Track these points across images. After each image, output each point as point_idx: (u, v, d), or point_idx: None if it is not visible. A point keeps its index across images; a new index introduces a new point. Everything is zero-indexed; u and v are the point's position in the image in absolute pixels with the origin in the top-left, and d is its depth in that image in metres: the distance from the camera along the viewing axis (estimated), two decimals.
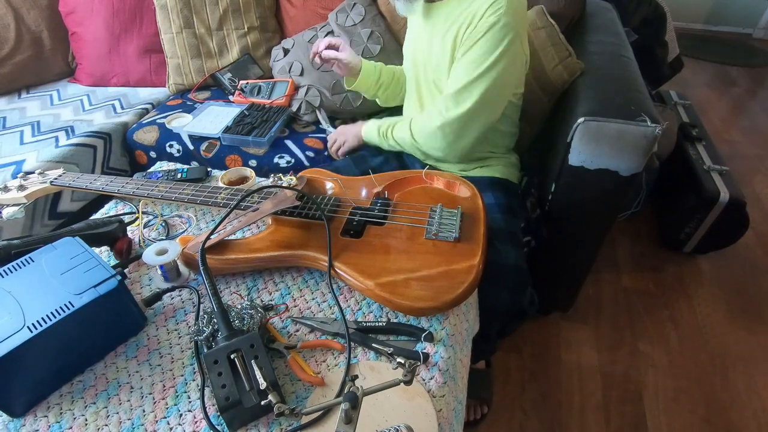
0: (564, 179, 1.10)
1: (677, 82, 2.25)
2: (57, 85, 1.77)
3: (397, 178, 0.87)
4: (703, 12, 3.67)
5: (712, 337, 1.44)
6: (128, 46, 1.69)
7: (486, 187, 1.04)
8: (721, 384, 1.31)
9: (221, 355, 0.56)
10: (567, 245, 1.23)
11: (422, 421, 0.56)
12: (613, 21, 1.51)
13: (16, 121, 1.54)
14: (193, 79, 1.67)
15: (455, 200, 0.82)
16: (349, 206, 0.81)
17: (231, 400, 0.53)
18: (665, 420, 1.23)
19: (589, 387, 1.30)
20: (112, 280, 0.61)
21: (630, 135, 0.99)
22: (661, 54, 1.92)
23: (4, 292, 0.60)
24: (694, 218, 1.60)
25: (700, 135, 1.83)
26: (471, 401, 1.18)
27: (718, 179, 1.59)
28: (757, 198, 2.00)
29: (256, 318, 0.64)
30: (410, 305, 0.65)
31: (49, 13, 1.72)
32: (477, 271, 0.68)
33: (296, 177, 0.89)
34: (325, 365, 0.62)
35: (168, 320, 0.69)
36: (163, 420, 0.56)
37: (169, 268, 0.73)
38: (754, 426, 1.22)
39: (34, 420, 0.57)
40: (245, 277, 0.75)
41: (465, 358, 0.72)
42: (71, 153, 1.36)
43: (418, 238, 0.74)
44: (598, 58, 1.20)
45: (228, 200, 0.83)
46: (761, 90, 2.96)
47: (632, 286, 1.62)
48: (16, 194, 0.88)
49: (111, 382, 0.61)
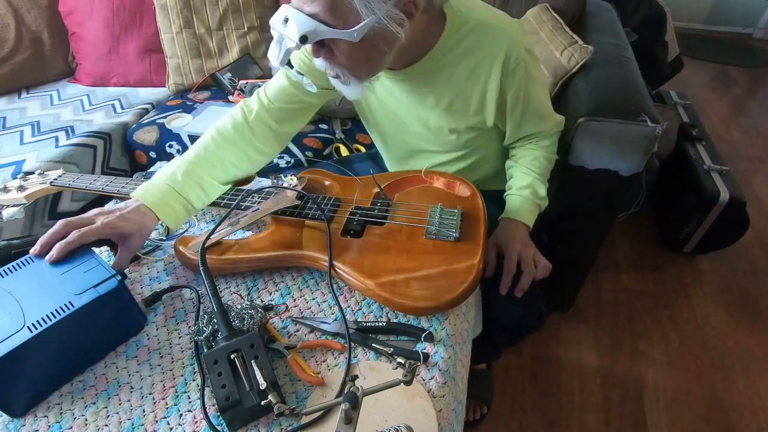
0: (564, 179, 1.10)
1: (677, 82, 2.25)
2: (57, 85, 1.77)
3: (397, 178, 0.87)
4: (703, 12, 3.68)
5: (712, 337, 1.44)
6: (128, 46, 1.69)
7: (487, 201, 1.00)
8: (721, 384, 1.31)
9: (221, 355, 0.56)
10: (567, 245, 1.23)
11: (422, 421, 0.56)
12: (613, 21, 1.52)
13: (16, 121, 1.54)
14: (193, 79, 1.67)
15: (455, 200, 0.82)
16: (349, 206, 0.81)
17: (231, 400, 0.53)
18: (665, 420, 1.23)
19: (589, 387, 1.30)
20: (112, 280, 0.61)
21: (630, 135, 0.99)
22: (661, 54, 1.92)
23: (4, 292, 0.60)
24: (694, 218, 1.60)
25: (700, 135, 1.83)
26: (471, 401, 1.18)
27: (718, 179, 1.59)
28: (757, 198, 2.00)
29: (256, 318, 0.64)
30: (410, 305, 0.65)
31: (49, 13, 1.72)
32: (477, 270, 0.68)
33: (296, 177, 0.89)
34: (325, 365, 0.62)
35: (168, 320, 0.69)
36: (163, 420, 0.56)
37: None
38: (754, 426, 1.22)
39: (34, 420, 0.57)
40: (245, 277, 0.75)
41: (465, 359, 0.72)
42: (71, 153, 1.36)
43: (418, 237, 0.74)
44: (598, 58, 1.20)
45: (228, 200, 0.83)
46: (761, 90, 2.96)
47: (632, 286, 1.62)
48: (16, 195, 0.88)
49: (111, 382, 0.61)
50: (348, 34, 0.63)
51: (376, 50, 0.68)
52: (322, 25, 0.62)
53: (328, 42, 0.67)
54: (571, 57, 1.18)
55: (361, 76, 0.72)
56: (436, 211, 0.78)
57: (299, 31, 0.62)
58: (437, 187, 0.86)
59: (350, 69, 0.70)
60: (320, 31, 0.62)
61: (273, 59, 0.68)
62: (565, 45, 1.21)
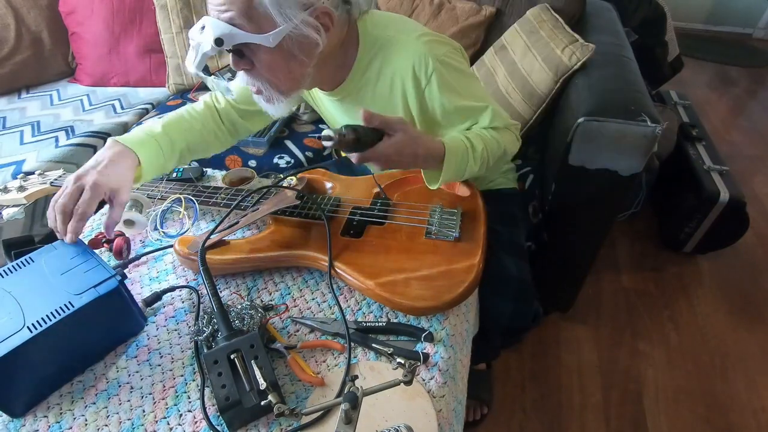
0: (564, 179, 1.10)
1: (677, 82, 2.25)
2: (57, 85, 1.77)
3: (397, 178, 0.87)
4: (703, 12, 3.67)
5: (712, 337, 1.44)
6: (128, 46, 1.69)
7: (487, 201, 1.00)
8: (721, 384, 1.31)
9: (221, 355, 0.56)
10: (567, 245, 1.23)
11: (422, 422, 0.56)
12: (613, 21, 1.51)
13: (16, 121, 1.54)
14: (193, 79, 1.67)
15: (455, 200, 0.82)
16: (349, 206, 0.81)
17: (231, 401, 0.53)
18: (665, 420, 1.23)
19: (589, 387, 1.30)
20: (112, 280, 0.61)
21: (630, 135, 0.99)
22: (661, 54, 1.92)
23: (4, 292, 0.60)
24: (694, 218, 1.60)
25: (700, 135, 1.83)
26: (471, 402, 1.18)
27: (718, 179, 1.59)
28: (757, 198, 2.00)
29: (256, 318, 0.64)
30: (410, 305, 0.65)
31: (49, 13, 1.72)
32: (477, 270, 0.68)
33: (296, 177, 0.89)
34: (325, 365, 0.62)
35: (168, 320, 0.69)
36: (163, 420, 0.56)
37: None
38: (754, 426, 1.22)
39: (34, 420, 0.57)
40: (245, 277, 0.75)
41: (465, 359, 0.72)
42: (71, 153, 1.36)
43: (418, 237, 0.74)
44: (598, 58, 1.20)
45: (228, 200, 0.83)
46: (761, 90, 2.96)
47: (632, 286, 1.62)
48: (16, 195, 0.88)
49: (111, 382, 0.61)
50: (263, 39, 0.64)
51: (296, 61, 0.69)
52: (236, 29, 0.64)
53: (247, 53, 0.68)
54: (573, 54, 1.18)
55: (283, 90, 0.73)
56: (436, 211, 0.78)
57: (214, 34, 0.64)
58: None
59: (271, 82, 0.71)
60: (235, 34, 0.64)
61: (189, 64, 0.69)
62: (566, 43, 1.21)
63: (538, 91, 1.24)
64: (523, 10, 1.40)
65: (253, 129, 0.97)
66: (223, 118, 0.92)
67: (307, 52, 0.69)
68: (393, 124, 0.66)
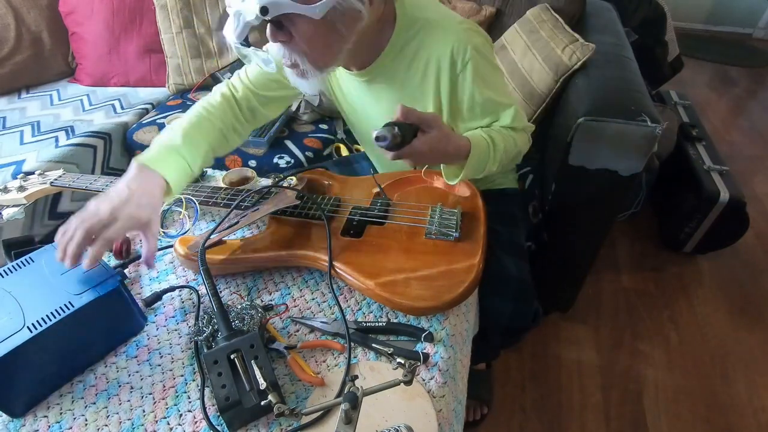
0: (564, 179, 1.10)
1: (677, 82, 2.25)
2: (57, 85, 1.77)
3: (397, 178, 0.87)
4: (703, 12, 3.67)
5: (712, 337, 1.44)
6: (128, 46, 1.69)
7: (487, 201, 1.00)
8: (721, 384, 1.31)
9: (221, 355, 0.56)
10: (567, 245, 1.23)
11: (422, 422, 0.56)
12: (613, 21, 1.52)
13: (16, 121, 1.54)
14: (193, 79, 1.67)
15: (455, 200, 0.82)
16: (349, 206, 0.81)
17: (231, 401, 0.53)
18: (665, 420, 1.23)
19: (589, 387, 1.30)
20: (112, 280, 0.61)
21: (630, 135, 0.99)
22: (661, 54, 1.92)
23: (4, 292, 0.60)
24: (694, 218, 1.60)
25: (700, 135, 1.83)
26: (471, 402, 1.18)
27: (718, 179, 1.59)
28: (757, 198, 2.00)
29: (256, 318, 0.64)
30: (410, 305, 0.65)
31: (49, 13, 1.72)
32: (477, 270, 0.68)
33: (296, 177, 0.89)
34: (325, 365, 0.62)
35: (168, 320, 0.69)
36: (163, 420, 0.56)
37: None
38: (754, 426, 1.22)
39: (34, 420, 0.57)
40: (245, 277, 0.75)
41: (465, 359, 0.72)
42: (71, 153, 1.36)
43: (418, 237, 0.74)
44: (598, 58, 1.20)
45: (228, 200, 0.83)
46: (761, 90, 2.96)
47: (632, 286, 1.62)
48: (16, 195, 0.88)
49: (111, 382, 0.61)
50: (310, 9, 0.61)
51: (337, 35, 0.67)
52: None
53: (287, 24, 0.65)
54: (573, 54, 1.18)
55: (319, 64, 0.70)
56: (436, 211, 0.78)
57: (260, 2, 0.59)
58: (437, 187, 0.86)
59: (308, 55, 0.68)
60: (281, 3, 0.60)
61: (229, 34, 0.64)
62: (566, 42, 1.21)
63: (538, 91, 1.24)
64: (523, 10, 1.40)
65: (270, 116, 0.94)
66: (242, 106, 0.89)
67: (349, 25, 0.66)
68: (429, 120, 0.66)
